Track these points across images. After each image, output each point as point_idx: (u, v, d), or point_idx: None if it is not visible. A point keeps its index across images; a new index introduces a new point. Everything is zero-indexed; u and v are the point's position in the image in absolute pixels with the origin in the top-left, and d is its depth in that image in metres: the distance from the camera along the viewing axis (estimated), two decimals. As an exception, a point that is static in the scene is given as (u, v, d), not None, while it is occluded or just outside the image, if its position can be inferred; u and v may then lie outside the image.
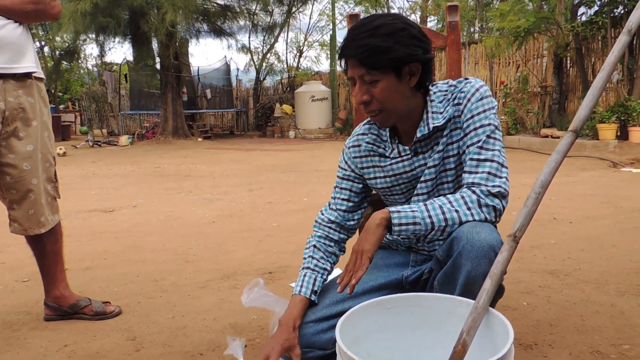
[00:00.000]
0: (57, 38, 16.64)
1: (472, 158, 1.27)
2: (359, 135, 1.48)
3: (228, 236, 3.37)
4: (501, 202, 1.24)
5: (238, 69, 19.44)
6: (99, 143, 12.94)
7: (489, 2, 15.86)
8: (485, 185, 1.24)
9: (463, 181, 1.28)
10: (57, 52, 17.24)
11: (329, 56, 16.40)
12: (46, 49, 18.28)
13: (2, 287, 2.44)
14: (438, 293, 1.23)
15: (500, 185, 1.24)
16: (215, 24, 14.69)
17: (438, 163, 1.35)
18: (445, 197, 1.25)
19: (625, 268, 2.37)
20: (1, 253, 3.05)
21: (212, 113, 18.25)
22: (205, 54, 56.00)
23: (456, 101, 1.32)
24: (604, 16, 7.96)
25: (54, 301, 2.02)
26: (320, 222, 1.51)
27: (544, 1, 9.78)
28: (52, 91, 17.03)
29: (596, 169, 6.07)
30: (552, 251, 2.71)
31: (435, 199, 1.25)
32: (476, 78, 1.35)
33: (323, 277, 1.45)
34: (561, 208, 3.78)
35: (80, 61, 18.90)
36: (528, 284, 2.21)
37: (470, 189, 1.25)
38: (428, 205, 1.23)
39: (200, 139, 13.83)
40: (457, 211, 1.22)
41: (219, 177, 6.55)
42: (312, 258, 1.46)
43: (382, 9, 16.68)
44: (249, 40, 17.73)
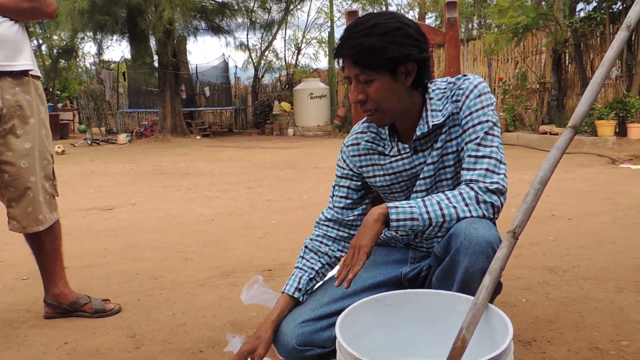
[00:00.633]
0: (55, 36, 16.61)
1: (471, 155, 1.27)
2: (358, 133, 1.47)
3: (227, 234, 3.37)
4: (499, 199, 1.24)
5: (236, 67, 19.45)
6: (98, 141, 12.92)
7: (487, -2, 15.85)
8: (483, 181, 1.24)
9: (461, 178, 1.28)
10: (55, 51, 17.21)
11: (328, 53, 16.39)
12: (44, 47, 18.23)
13: (2, 285, 2.44)
14: (437, 289, 1.23)
15: (498, 181, 1.24)
16: (213, 22, 14.67)
17: (437, 160, 1.34)
18: (443, 194, 1.25)
19: (624, 264, 2.37)
20: (0, 251, 3.05)
21: (211, 111, 18.23)
22: (203, 52, 55.93)
23: (455, 98, 1.32)
24: (603, 12, 7.95)
25: (54, 299, 2.02)
26: (318, 222, 1.51)
27: (543, -3, 9.77)
28: (50, 89, 16.98)
29: (595, 166, 6.07)
30: (551, 248, 2.71)
31: (433, 195, 1.25)
32: (475, 74, 1.35)
33: (310, 276, 1.44)
34: (560, 204, 3.79)
35: (78, 59, 18.83)
36: (527, 281, 2.22)
37: (468, 186, 1.25)
38: (426, 201, 1.23)
39: (198, 137, 13.82)
40: (455, 207, 1.22)
41: (218, 175, 6.55)
42: (302, 258, 1.47)
43: (380, 6, 16.65)
44: (247, 37, 17.72)
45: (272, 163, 7.73)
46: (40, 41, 17.24)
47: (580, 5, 8.94)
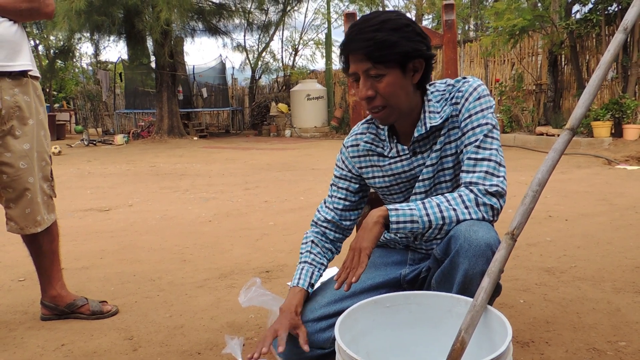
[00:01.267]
0: (52, 37, 16.55)
1: (470, 157, 1.27)
2: (357, 134, 1.48)
3: (224, 235, 3.36)
4: (499, 201, 1.24)
5: (233, 68, 19.45)
6: (94, 142, 12.89)
7: (484, 0, 15.88)
8: (482, 184, 1.24)
9: (461, 180, 1.28)
10: (52, 51, 17.16)
11: (325, 55, 16.40)
12: (40, 48, 18.18)
13: (-2, 287, 2.43)
14: (436, 291, 1.23)
15: (497, 184, 1.24)
16: (210, 23, 14.68)
17: (436, 162, 1.35)
18: (443, 196, 1.25)
19: (620, 265, 2.38)
20: (-3, 253, 3.04)
21: (208, 112, 18.21)
22: (200, 53, 55.88)
23: (454, 100, 1.32)
24: (598, 14, 7.98)
25: (51, 300, 2.01)
26: (316, 221, 1.52)
27: (539, -1, 9.80)
28: (47, 90, 16.93)
29: (591, 167, 6.09)
30: (548, 249, 2.72)
31: (433, 198, 1.26)
32: (474, 77, 1.35)
33: (320, 272, 1.45)
34: (557, 205, 3.80)
35: (75, 60, 18.81)
36: (524, 282, 2.22)
37: (468, 188, 1.25)
38: (426, 203, 1.24)
39: (196, 138, 13.80)
40: (455, 210, 1.22)
41: (215, 176, 6.54)
42: (310, 253, 1.47)
43: (377, 8, 16.67)
44: (245, 38, 17.72)
45: (269, 164, 7.72)
46: (36, 41, 17.19)
47: (576, 7, 8.99)
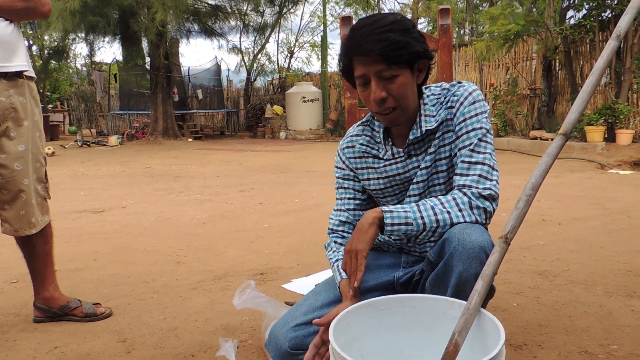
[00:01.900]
0: (46, 37, 16.50)
1: (464, 161, 1.28)
2: (353, 136, 1.48)
3: (219, 237, 3.36)
4: (492, 205, 1.25)
5: (229, 70, 19.46)
6: (88, 143, 12.84)
7: (479, 5, 15.98)
8: (476, 187, 1.25)
9: (454, 183, 1.29)
10: (46, 51, 17.09)
11: (320, 57, 16.43)
12: (34, 48, 18.10)
13: (-9, 289, 2.41)
14: (430, 294, 1.24)
15: (491, 187, 1.25)
16: (206, 24, 14.67)
17: (430, 165, 1.36)
18: (437, 198, 1.26)
19: (612, 269, 2.40)
20: (-11, 254, 3.02)
21: (203, 113, 18.20)
22: (195, 54, 55.82)
23: (449, 104, 1.33)
24: (592, 20, 8.05)
25: (44, 302, 2.00)
26: (332, 228, 1.50)
27: (533, 4, 9.85)
28: (41, 90, 16.87)
29: (584, 171, 6.13)
30: (542, 252, 2.73)
31: (427, 200, 1.26)
32: (469, 82, 1.37)
33: None
34: (550, 209, 3.82)
35: (69, 60, 18.73)
36: (518, 285, 2.23)
37: (461, 191, 1.26)
38: (420, 205, 1.24)
39: (190, 140, 13.78)
40: (449, 212, 1.23)
41: (210, 178, 6.53)
42: (338, 252, 1.44)
43: (373, 11, 16.73)
44: (240, 40, 17.79)
45: (264, 166, 7.72)
46: (30, 41, 17.11)
47: (570, 12, 9.06)
